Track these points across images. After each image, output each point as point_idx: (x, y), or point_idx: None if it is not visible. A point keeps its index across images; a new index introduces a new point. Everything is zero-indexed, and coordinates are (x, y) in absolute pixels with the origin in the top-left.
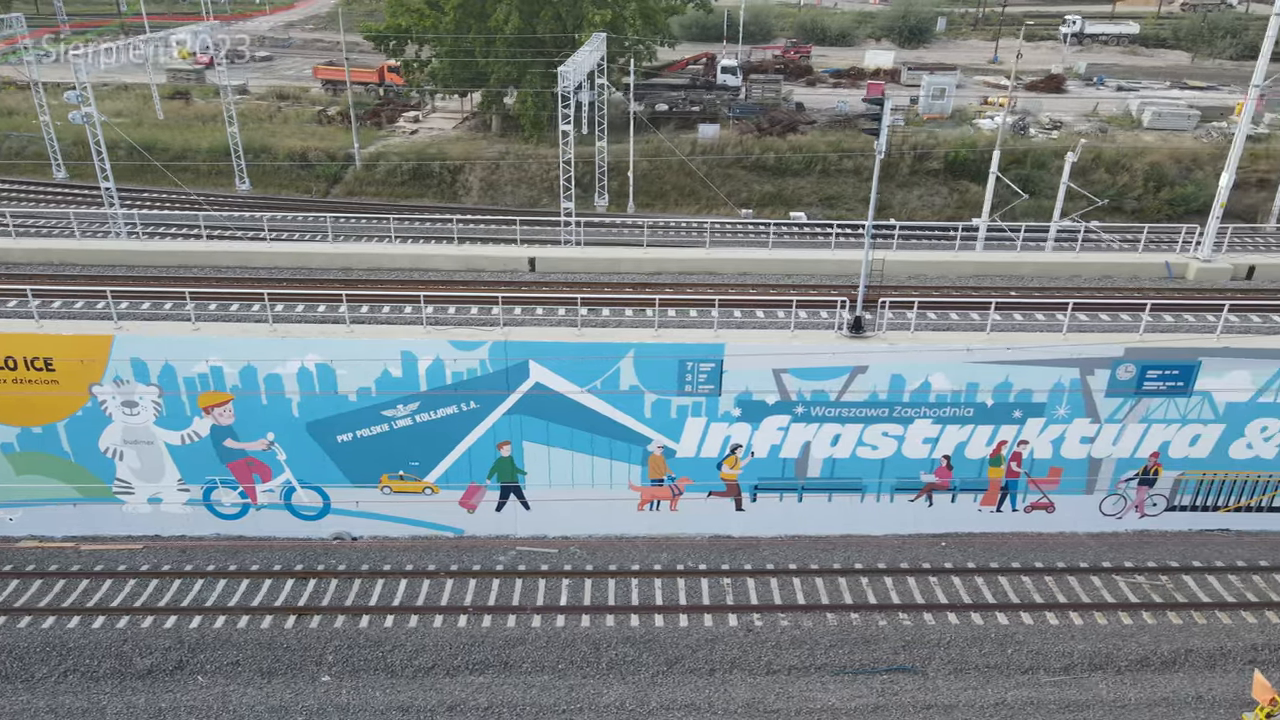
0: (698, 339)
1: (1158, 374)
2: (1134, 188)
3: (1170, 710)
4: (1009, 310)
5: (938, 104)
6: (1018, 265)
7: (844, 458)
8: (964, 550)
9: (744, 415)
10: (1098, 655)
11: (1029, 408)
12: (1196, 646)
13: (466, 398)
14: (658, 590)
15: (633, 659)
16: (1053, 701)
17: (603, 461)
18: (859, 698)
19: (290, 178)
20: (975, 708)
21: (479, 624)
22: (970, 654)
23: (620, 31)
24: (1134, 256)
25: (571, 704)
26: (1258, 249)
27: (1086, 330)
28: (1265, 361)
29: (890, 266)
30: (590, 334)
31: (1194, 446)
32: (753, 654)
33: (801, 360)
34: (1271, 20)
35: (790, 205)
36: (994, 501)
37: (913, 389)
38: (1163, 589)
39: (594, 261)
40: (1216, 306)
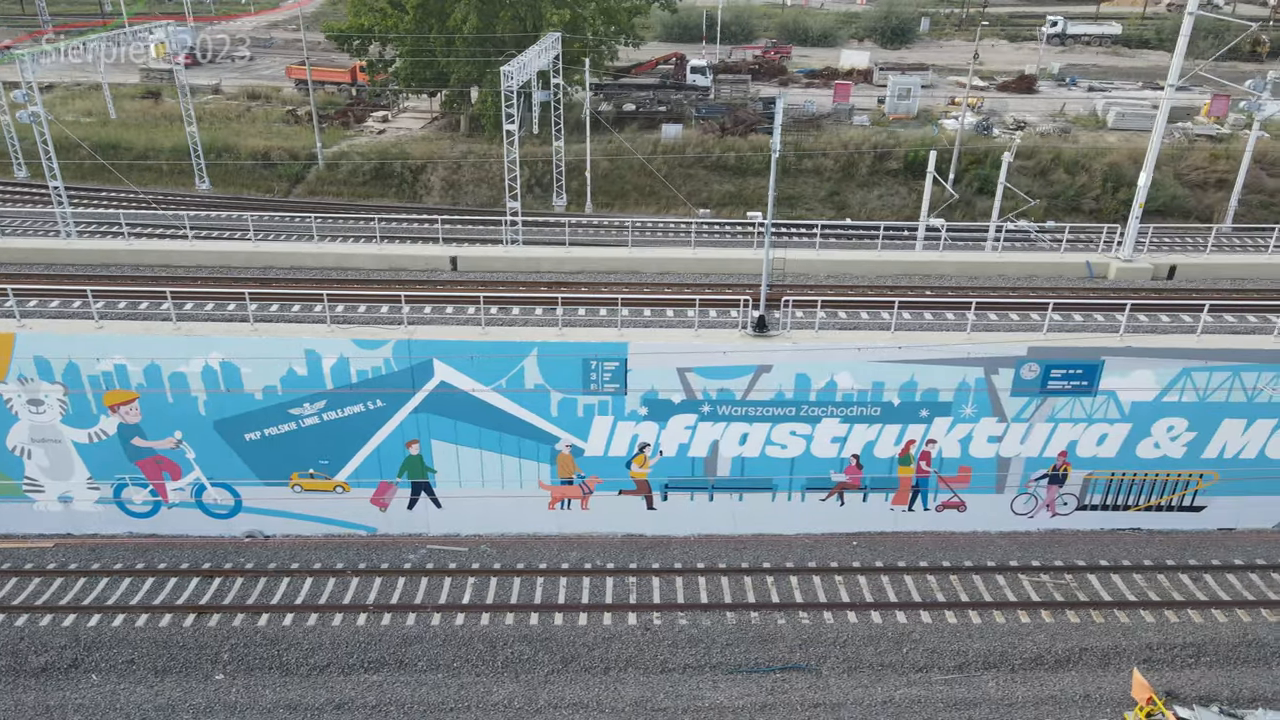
0: (602, 338)
1: (1062, 373)
2: (1093, 188)
3: (1056, 708)
4: (924, 309)
5: (903, 104)
6: (940, 265)
7: (753, 457)
8: (874, 549)
9: (651, 414)
10: (992, 654)
11: (935, 407)
12: (1092, 645)
13: (373, 396)
14: (562, 589)
15: (528, 657)
16: (940, 700)
17: (511, 460)
18: (748, 696)
19: (253, 177)
20: (863, 706)
21: (378, 622)
22: (865, 652)
23: (580, 31)
24: (1056, 256)
25: (460, 702)
26: (1181, 249)
27: (995, 329)
28: (1168, 361)
29: (813, 266)
30: (494, 333)
31: (1101, 446)
32: (648, 652)
33: (705, 359)
34: (1185, 20)
35: (750, 205)
36: (905, 501)
37: (818, 388)
38: (1065, 588)
39: (516, 261)
40: (1121, 306)
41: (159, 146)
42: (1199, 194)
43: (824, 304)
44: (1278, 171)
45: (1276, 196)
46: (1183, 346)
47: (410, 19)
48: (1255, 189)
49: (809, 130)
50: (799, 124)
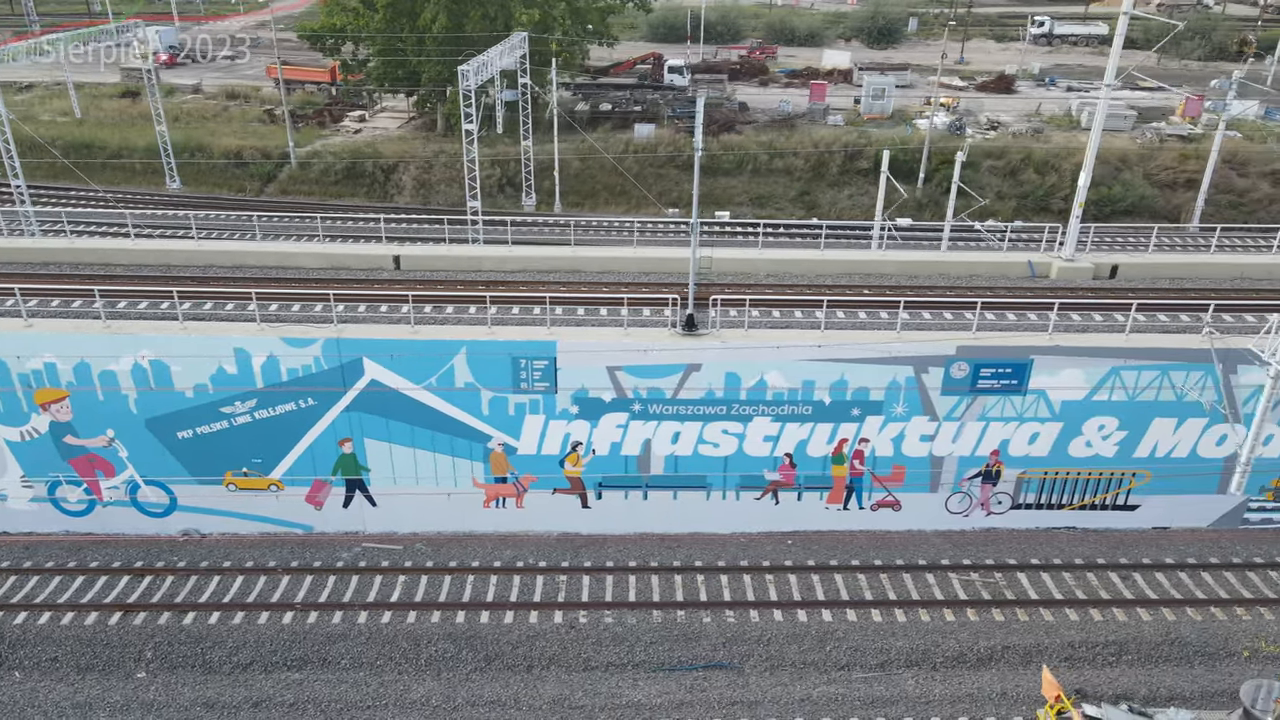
0: (530, 337)
1: (991, 372)
2: (1062, 187)
3: (972, 706)
4: (853, 308)
5: (878, 104)
6: (882, 264)
7: (686, 455)
8: (809, 548)
9: (582, 413)
10: (915, 652)
11: (867, 405)
12: (1015, 643)
13: (304, 394)
14: (492, 587)
15: (451, 655)
16: (858, 698)
17: (445, 458)
18: (667, 694)
19: (225, 177)
20: (780, 704)
21: (304, 620)
22: (788, 651)
23: (550, 31)
24: (1000, 256)
25: (378, 700)
26: (1123, 249)
27: (929, 328)
28: (1096, 360)
29: (755, 265)
30: (424, 331)
31: (1033, 445)
32: (571, 650)
33: (634, 358)
34: (1120, 20)
35: (720, 204)
36: (840, 500)
37: (749, 387)
38: (994, 586)
39: (459, 260)
40: (1049, 305)
41: (132, 146)
42: (1168, 194)
43: (753, 303)
44: (1247, 172)
45: (1245, 196)
46: (1111, 346)
47: (380, 18)
48: (1225, 189)
49: (782, 130)
50: (775, 123)
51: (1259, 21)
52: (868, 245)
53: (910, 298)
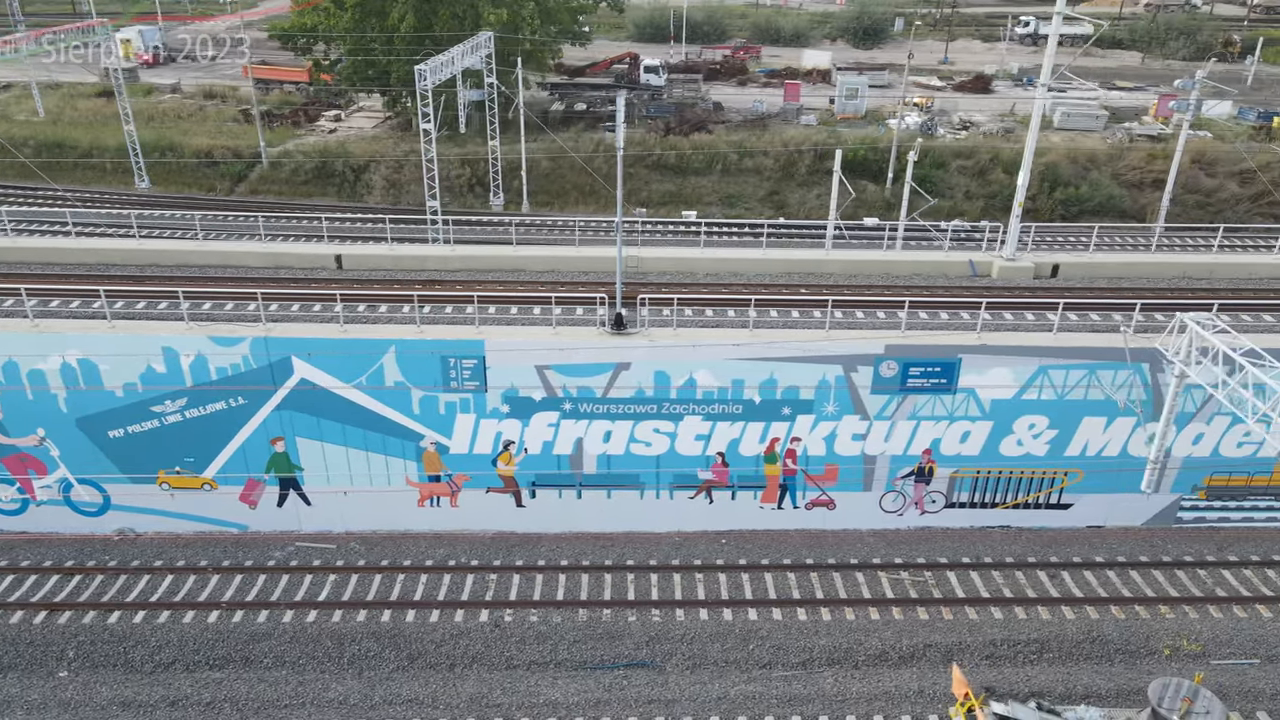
0: (459, 335)
1: (920, 371)
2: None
3: (888, 704)
4: (782, 307)
5: (851, 104)
6: (825, 263)
7: (618, 454)
8: (742, 547)
9: (513, 411)
10: (838, 650)
11: (797, 404)
12: (937, 642)
13: (234, 393)
14: (421, 586)
15: (375, 654)
16: (775, 696)
17: (378, 457)
18: (585, 693)
19: (197, 177)
20: (697, 702)
21: (229, 620)
22: (711, 649)
23: (519, 31)
24: (942, 255)
25: (295, 699)
26: (1064, 248)
27: (861, 327)
28: (1024, 359)
29: (697, 264)
30: (353, 330)
31: (965, 443)
32: (495, 649)
33: (563, 357)
34: (1055, 20)
35: (689, 204)
36: (774, 499)
37: (678, 385)
38: (922, 585)
39: (401, 259)
40: (977, 304)
41: (103, 145)
42: (1135, 194)
43: (680, 301)
44: (1215, 171)
45: (1213, 196)
46: (1037, 345)
47: (349, 18)
48: (1193, 189)
49: (754, 130)
50: (748, 123)
51: (1245, 21)
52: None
53: (837, 297)
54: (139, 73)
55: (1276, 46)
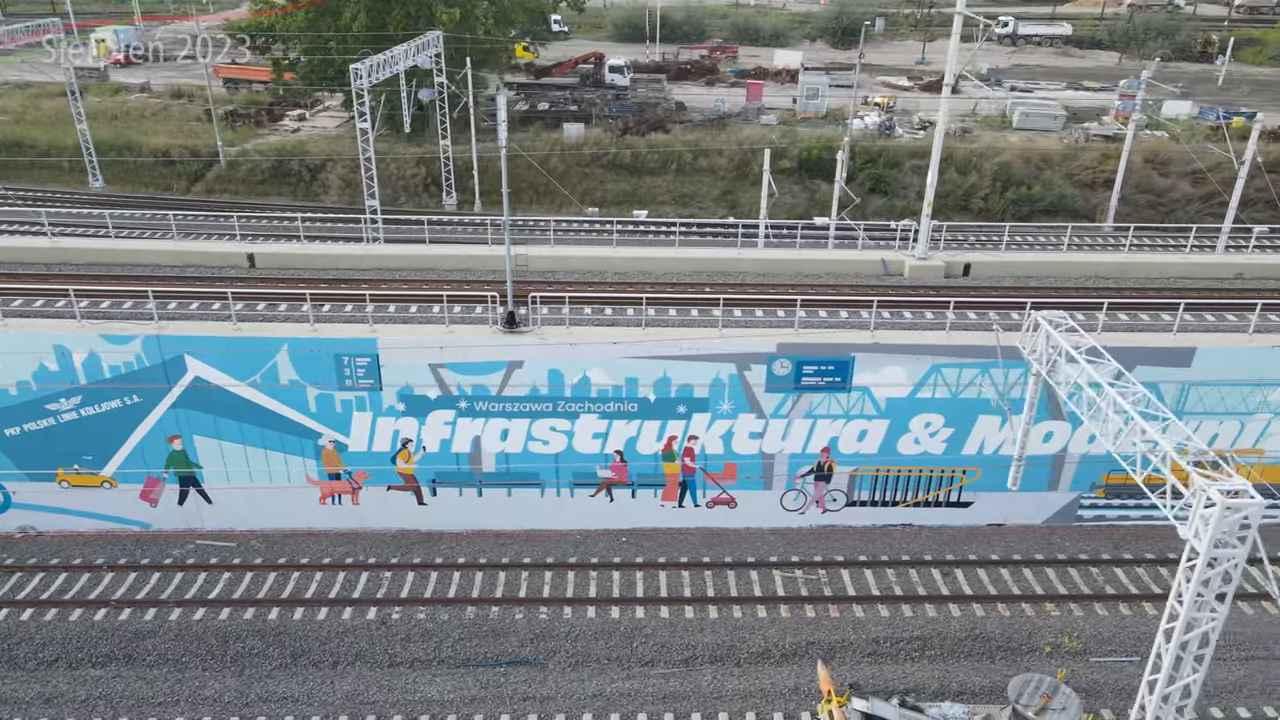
0: (352, 334)
1: (814, 369)
2: (981, 187)
3: (762, 700)
4: (673, 305)
5: (812, 104)
6: (738, 262)
7: (516, 452)
8: (642, 545)
9: (409, 410)
10: (721, 648)
11: (692, 403)
12: (821, 639)
13: (129, 391)
14: (314, 584)
15: (259, 651)
16: (651, 693)
17: (277, 455)
18: (462, 690)
19: (153, 176)
20: (573, 699)
21: (116, 617)
22: (595, 647)
23: (473, 30)
24: (855, 254)
25: (170, 696)
26: (976, 247)
27: (757, 325)
28: (917, 358)
29: (609, 262)
30: (246, 328)
31: (863, 442)
32: (379, 646)
33: (456, 354)
34: (956, 20)
35: (643, 203)
36: (675, 497)
37: (572, 383)
38: (815, 583)
39: (314, 258)
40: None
41: (62, 145)
42: (1088, 193)
43: (571, 300)
44: (1168, 171)
45: (1164, 196)
46: (929, 344)
47: (304, 17)
48: (1145, 189)
49: (711, 129)
50: (708, 123)
51: (1225, 22)
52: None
53: (728, 295)
54: (108, 72)
55: (1256, 47)
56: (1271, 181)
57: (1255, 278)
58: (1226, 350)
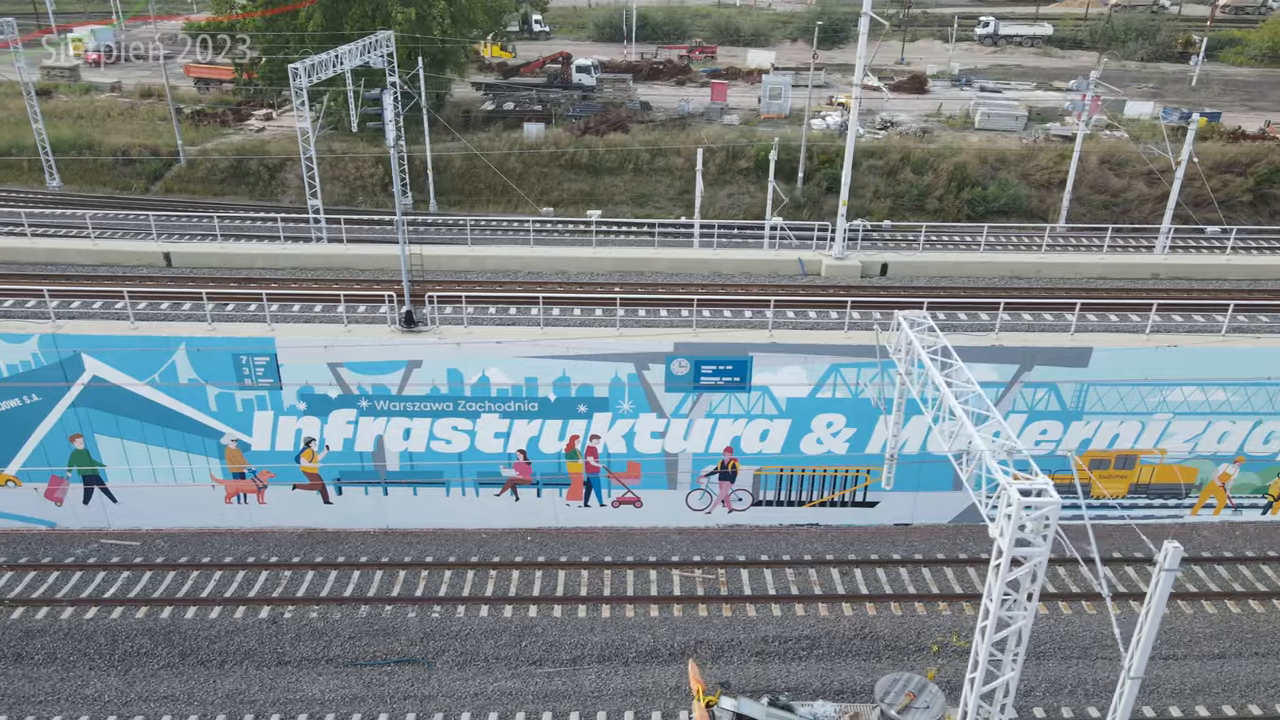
0: (250, 333)
1: (712, 369)
2: (936, 188)
3: (642, 699)
4: (570, 305)
5: (775, 104)
6: (653, 261)
7: (420, 451)
8: (546, 545)
9: (310, 409)
10: (610, 647)
11: (593, 402)
12: (710, 638)
13: (27, 390)
14: (211, 583)
15: (147, 651)
16: (533, 692)
17: (180, 454)
18: (344, 689)
19: (113, 175)
20: (453, 698)
21: (8, 616)
22: (484, 646)
23: (428, 30)
24: (773, 254)
25: (51, 695)
26: (893, 247)
27: (658, 325)
28: (815, 357)
29: (526, 262)
30: (143, 327)
31: (765, 441)
32: (269, 645)
33: (355, 354)
34: (862, 20)
35: (600, 203)
36: (580, 496)
37: (472, 383)
38: (713, 582)
39: (231, 256)
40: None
41: (22, 144)
42: (1044, 193)
43: (468, 299)
44: (1124, 172)
45: (1120, 196)
46: (826, 343)
47: (254, 21)
48: (1100, 188)
49: (671, 129)
50: (671, 122)
51: (1207, 22)
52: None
53: (624, 294)
54: (80, 71)
55: (1237, 47)
56: (1225, 181)
57: (1171, 278)
58: (1122, 350)
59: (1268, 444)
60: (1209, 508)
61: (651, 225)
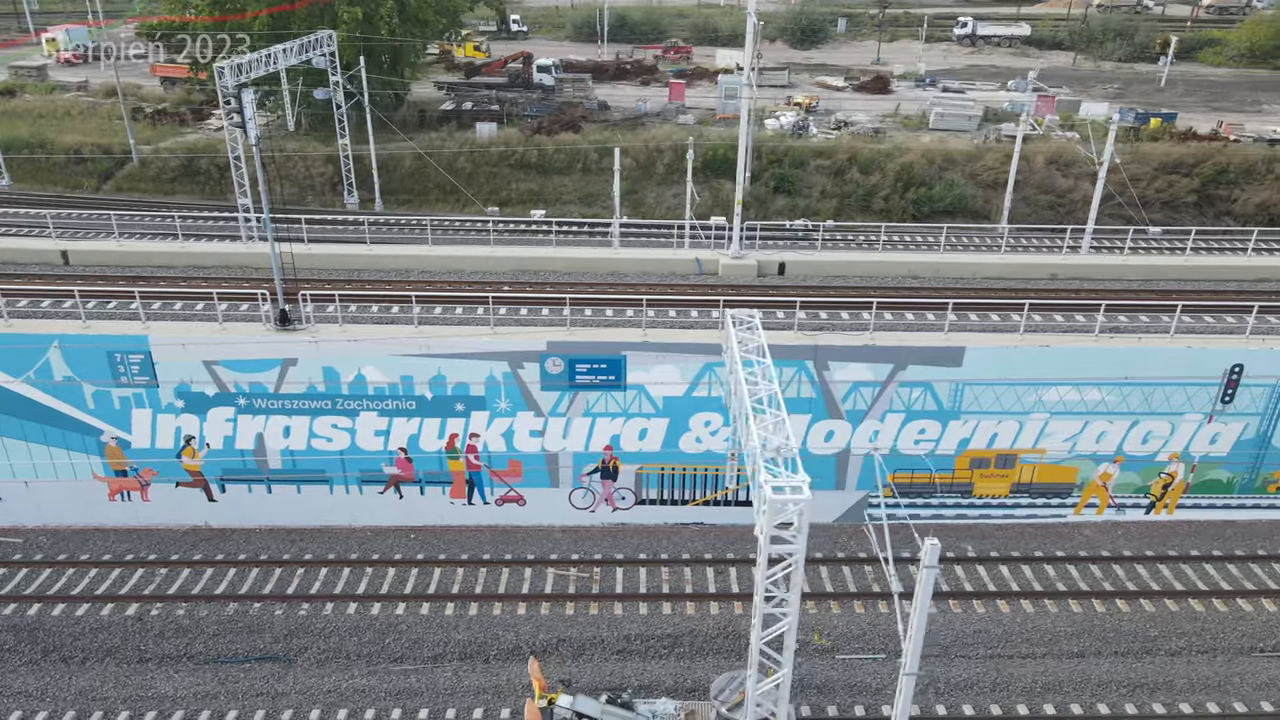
0: (124, 330)
1: (586, 368)
2: (883, 188)
3: (493, 696)
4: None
5: (730, 104)
6: (551, 261)
7: (301, 449)
8: (430, 542)
9: (188, 406)
10: (473, 644)
11: (470, 401)
12: (573, 637)
13: None
14: (85, 580)
15: (10, 647)
16: (386, 689)
17: (60, 452)
18: (198, 686)
19: (65, 174)
20: (305, 695)
21: None
22: (347, 643)
23: (375, 29)
24: (671, 253)
25: None
26: (791, 247)
27: (536, 324)
28: (689, 356)
29: (425, 261)
30: (17, 325)
31: (644, 440)
32: (132, 643)
33: (230, 351)
34: (749, 22)
35: (549, 203)
36: (463, 494)
37: (348, 381)
38: (585, 581)
39: (127, 255)
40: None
41: None
42: (990, 194)
43: (342, 298)
44: (1070, 172)
45: (1066, 197)
46: (699, 342)
47: (206, 14)
48: (1047, 189)
49: (622, 129)
50: (626, 121)
51: (1188, 23)
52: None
53: (496, 294)
54: (47, 70)
55: (1216, 47)
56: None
57: (1068, 279)
58: (995, 350)
59: (1146, 444)
60: (1092, 507)
61: (591, 224)
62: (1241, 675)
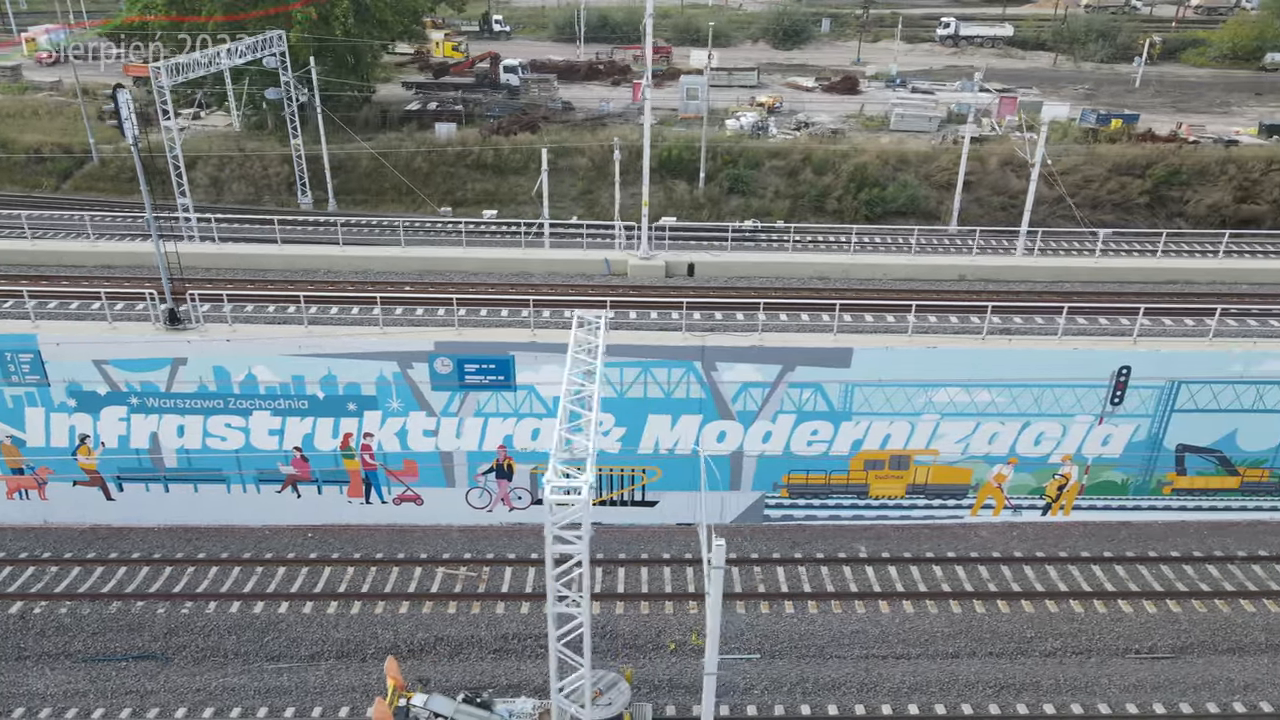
0: (12, 329)
1: (476, 368)
2: (836, 188)
3: (363, 695)
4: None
5: (693, 104)
6: (460, 261)
7: (196, 448)
8: (327, 541)
9: (81, 405)
10: (351, 643)
11: (361, 400)
12: (450, 635)
13: None
14: None
15: None
16: (255, 688)
17: None
18: (70, 684)
19: (24, 173)
20: (176, 693)
21: None
22: (226, 642)
23: (330, 29)
24: (580, 254)
25: None
26: (703, 248)
27: (426, 324)
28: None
29: (335, 261)
30: None
31: (537, 440)
32: (12, 641)
33: (119, 351)
34: (645, 23)
35: (504, 203)
36: (360, 493)
37: (239, 380)
38: (471, 580)
39: (38, 255)
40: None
41: None
42: (943, 194)
43: (229, 298)
44: (1025, 174)
45: (1019, 199)
46: None
47: (163, 14)
48: (1001, 190)
49: (580, 129)
50: (588, 121)
51: (1173, 24)
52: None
53: (385, 294)
54: (22, 70)
55: (1200, 48)
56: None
57: (976, 279)
58: (882, 351)
59: (1039, 445)
60: (988, 508)
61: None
62: (1110, 677)
